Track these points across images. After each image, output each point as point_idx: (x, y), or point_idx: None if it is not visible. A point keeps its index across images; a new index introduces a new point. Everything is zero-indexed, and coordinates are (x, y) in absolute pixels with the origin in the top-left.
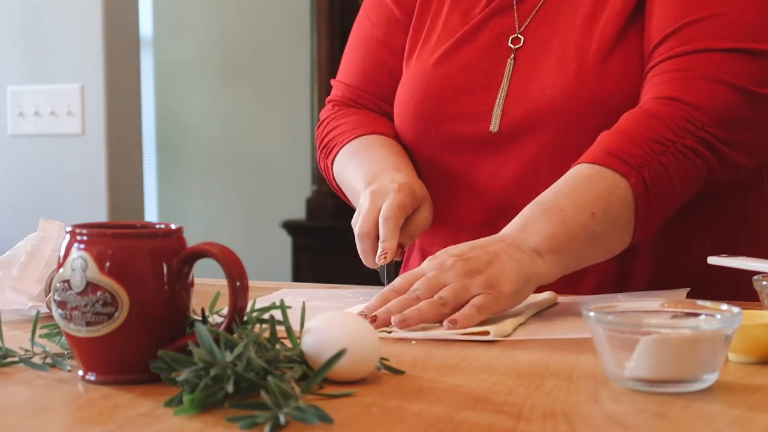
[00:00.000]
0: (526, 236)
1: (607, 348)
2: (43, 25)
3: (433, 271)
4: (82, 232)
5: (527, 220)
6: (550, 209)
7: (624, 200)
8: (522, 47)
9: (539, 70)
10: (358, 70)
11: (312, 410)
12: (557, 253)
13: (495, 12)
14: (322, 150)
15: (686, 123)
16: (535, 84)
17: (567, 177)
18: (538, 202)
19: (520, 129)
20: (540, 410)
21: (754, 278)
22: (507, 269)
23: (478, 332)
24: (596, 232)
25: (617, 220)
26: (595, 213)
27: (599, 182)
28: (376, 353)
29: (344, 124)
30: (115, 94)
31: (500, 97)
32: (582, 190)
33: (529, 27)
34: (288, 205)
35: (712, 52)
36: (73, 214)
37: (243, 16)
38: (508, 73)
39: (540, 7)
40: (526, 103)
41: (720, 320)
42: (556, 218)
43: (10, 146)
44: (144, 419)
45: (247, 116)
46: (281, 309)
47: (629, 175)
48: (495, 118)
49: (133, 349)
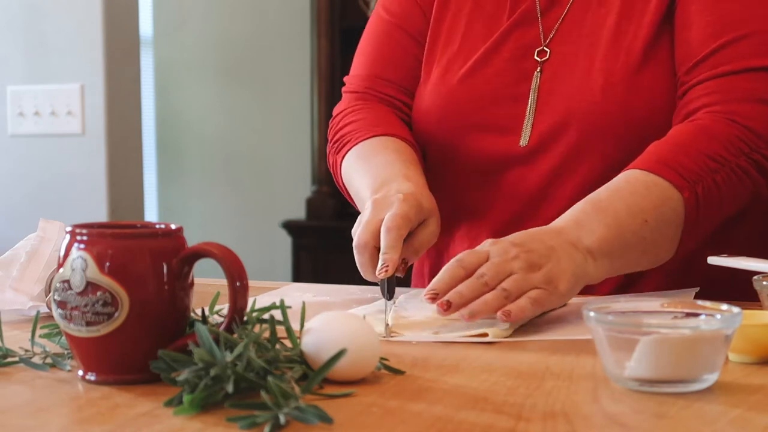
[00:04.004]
0: (581, 234)
1: (607, 348)
2: (43, 25)
3: (497, 258)
4: (82, 232)
5: (581, 216)
6: (605, 210)
7: (675, 212)
8: (548, 60)
9: (565, 83)
10: (376, 58)
11: (312, 410)
12: (608, 257)
13: (519, 23)
14: (334, 144)
15: (741, 143)
16: (560, 97)
17: (622, 180)
18: (592, 200)
19: (546, 141)
20: (540, 410)
21: (754, 278)
22: (563, 267)
23: (476, 334)
24: (646, 239)
25: (666, 231)
26: (648, 221)
27: (654, 190)
28: (376, 353)
29: (360, 120)
30: (115, 94)
31: (530, 111)
32: (637, 196)
33: (554, 39)
34: (288, 205)
35: (758, 72)
36: (73, 214)
37: (243, 16)
38: (535, 86)
39: (564, 18)
40: (552, 115)
41: (720, 320)
42: (611, 220)
43: (10, 146)
44: (144, 419)
45: (247, 116)
46: (281, 309)
47: (683, 189)
48: (525, 133)
49: (133, 349)
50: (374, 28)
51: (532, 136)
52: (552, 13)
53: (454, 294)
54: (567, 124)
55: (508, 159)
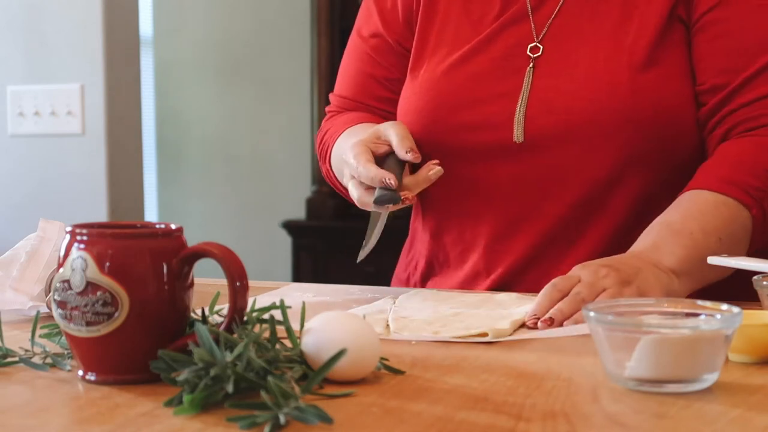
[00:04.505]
0: (661, 257)
1: (607, 348)
2: (43, 25)
3: (589, 277)
4: (82, 232)
5: (658, 240)
6: (680, 232)
7: (744, 229)
8: (541, 56)
9: (566, 80)
10: (351, 82)
11: (312, 410)
12: (688, 275)
13: (510, 21)
14: (321, 156)
15: None
16: (562, 94)
17: (690, 201)
18: (665, 222)
19: (547, 138)
20: (540, 410)
21: (754, 278)
22: (652, 282)
23: (477, 334)
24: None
25: (737, 246)
26: (722, 239)
27: (724, 210)
28: (376, 353)
29: (335, 125)
30: (115, 94)
31: (521, 106)
32: (708, 216)
33: (547, 35)
34: (288, 205)
35: None
36: (73, 214)
37: (243, 16)
38: (527, 81)
39: (556, 15)
40: (553, 113)
41: (720, 320)
42: (687, 241)
43: (10, 146)
44: (144, 419)
45: (247, 116)
46: (281, 309)
47: (752, 206)
48: (518, 128)
49: (133, 349)
50: (350, 51)
51: (529, 132)
52: (543, 9)
53: (555, 311)
54: (571, 121)
55: (501, 155)
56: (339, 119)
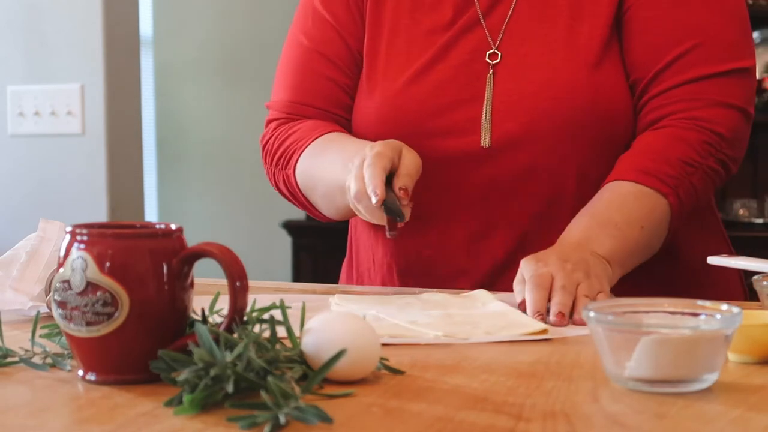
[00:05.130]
0: (594, 246)
1: (607, 348)
2: (43, 25)
3: (561, 272)
4: (82, 232)
5: (587, 231)
6: (605, 223)
7: (663, 215)
8: (500, 62)
9: (527, 83)
10: (296, 85)
11: (312, 410)
12: (618, 264)
13: (464, 28)
14: (278, 162)
15: (708, 147)
16: (525, 97)
17: (611, 193)
18: (590, 214)
19: (514, 141)
20: (540, 410)
21: (754, 278)
22: (599, 271)
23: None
24: (642, 243)
25: (658, 233)
26: (644, 227)
27: (644, 199)
28: (376, 353)
29: (297, 131)
30: (115, 94)
31: (486, 112)
32: (630, 206)
33: (503, 41)
34: (288, 205)
35: (716, 78)
36: (73, 214)
37: (243, 16)
38: (489, 87)
39: (509, 21)
40: (518, 115)
41: (720, 320)
42: (614, 232)
43: (10, 146)
44: (144, 419)
45: (247, 116)
46: (281, 309)
47: (668, 194)
48: (484, 133)
49: (133, 349)
50: (292, 54)
51: (496, 136)
52: (494, 16)
53: (561, 307)
54: (536, 121)
55: (470, 160)
56: (302, 126)
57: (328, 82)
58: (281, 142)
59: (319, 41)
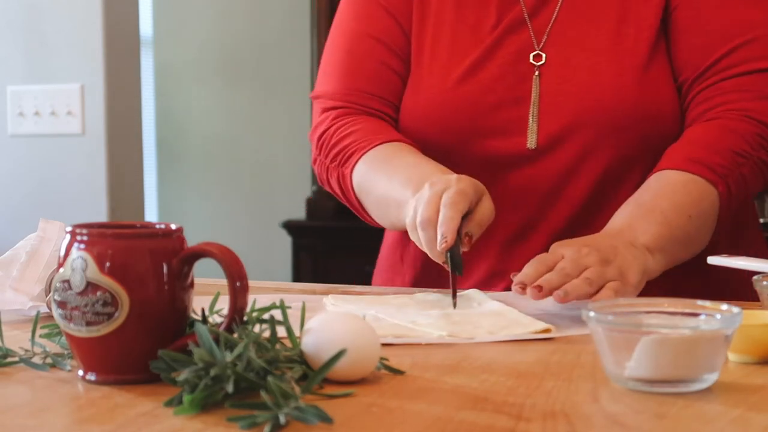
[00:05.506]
0: (636, 234)
1: (607, 348)
2: (43, 25)
3: (573, 254)
4: (82, 232)
5: (631, 219)
6: (652, 210)
7: (712, 206)
8: (545, 64)
9: (571, 84)
10: (351, 71)
11: (312, 410)
12: (662, 252)
13: (509, 29)
14: (334, 158)
15: (760, 139)
16: (568, 98)
17: (659, 181)
18: (637, 202)
19: (557, 142)
20: (540, 410)
21: (754, 278)
22: (630, 261)
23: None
24: (690, 233)
25: (706, 223)
26: (692, 216)
27: (693, 188)
28: (376, 353)
29: (358, 131)
30: (115, 94)
31: (533, 114)
32: (678, 194)
33: (548, 43)
34: (288, 205)
35: (766, 72)
36: (73, 214)
37: (243, 16)
38: (536, 89)
39: (554, 22)
40: (562, 117)
41: (720, 320)
42: (660, 218)
43: (10, 146)
44: (144, 419)
45: (247, 116)
46: (281, 309)
47: (718, 183)
48: (531, 135)
49: (133, 349)
50: (346, 41)
51: (540, 138)
52: (540, 16)
53: (543, 281)
54: (579, 124)
55: (515, 161)
56: (364, 126)
57: (387, 69)
58: (341, 138)
59: (376, 28)
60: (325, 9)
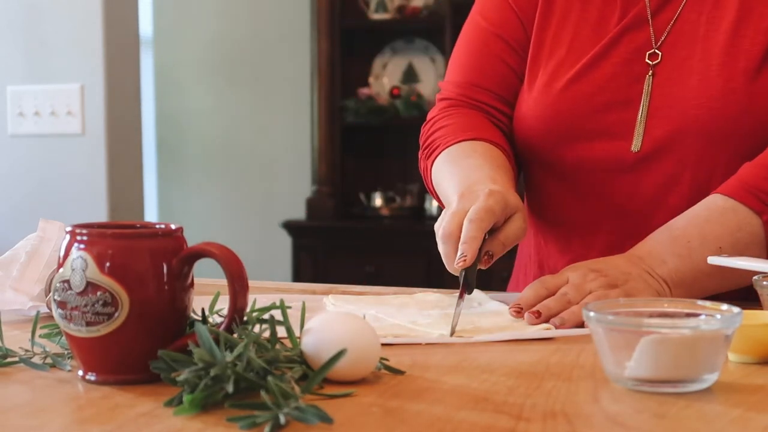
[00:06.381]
0: (653, 263)
1: (607, 348)
2: (43, 25)
3: (577, 280)
4: (82, 232)
5: (655, 246)
6: (678, 239)
7: (754, 236)
8: (660, 63)
9: (681, 87)
10: (470, 65)
11: (312, 410)
12: (681, 286)
13: (630, 26)
14: (424, 150)
15: None
16: (677, 101)
17: (701, 206)
18: (669, 227)
19: (661, 148)
20: (540, 410)
21: (754, 278)
22: (641, 288)
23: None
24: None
25: (746, 254)
26: (723, 247)
27: (732, 217)
28: (376, 353)
29: (449, 126)
30: (115, 94)
31: (641, 116)
32: (713, 223)
33: (666, 42)
34: (288, 205)
35: None
36: (73, 214)
37: (243, 17)
38: (647, 90)
39: (676, 21)
40: (668, 121)
41: (720, 320)
42: (683, 250)
43: (10, 146)
44: (144, 419)
45: (248, 116)
46: (281, 309)
47: (763, 212)
48: (637, 138)
49: (133, 349)
50: (470, 35)
51: (644, 142)
52: (663, 14)
53: (541, 306)
54: (685, 129)
55: (618, 165)
56: (456, 121)
57: (503, 64)
58: (435, 130)
59: (498, 23)
60: (325, 9)
